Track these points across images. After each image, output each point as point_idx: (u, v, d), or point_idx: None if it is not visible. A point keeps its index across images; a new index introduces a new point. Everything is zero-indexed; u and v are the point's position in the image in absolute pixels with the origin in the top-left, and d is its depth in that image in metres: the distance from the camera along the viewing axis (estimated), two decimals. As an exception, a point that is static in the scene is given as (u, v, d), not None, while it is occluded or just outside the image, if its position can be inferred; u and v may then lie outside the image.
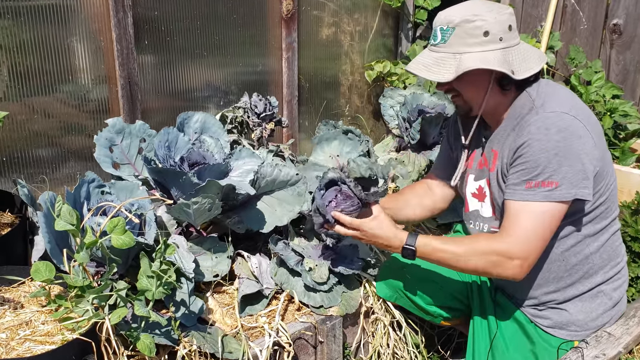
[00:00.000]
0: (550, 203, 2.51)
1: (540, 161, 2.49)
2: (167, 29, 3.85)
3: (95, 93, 3.64)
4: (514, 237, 2.54)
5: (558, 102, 2.58)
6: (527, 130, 2.54)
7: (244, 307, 3.06)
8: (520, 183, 2.54)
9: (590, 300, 2.79)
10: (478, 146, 2.92)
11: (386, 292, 3.29)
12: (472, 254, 2.62)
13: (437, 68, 2.63)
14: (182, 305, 2.78)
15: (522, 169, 2.54)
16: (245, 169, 3.18)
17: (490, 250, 2.58)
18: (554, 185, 2.48)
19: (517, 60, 2.61)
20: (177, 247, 2.88)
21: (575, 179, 2.48)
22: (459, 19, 2.58)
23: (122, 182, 3.04)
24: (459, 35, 2.59)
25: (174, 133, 3.15)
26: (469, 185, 2.96)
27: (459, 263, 2.66)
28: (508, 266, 2.56)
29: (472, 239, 2.79)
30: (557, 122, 2.49)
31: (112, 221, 2.39)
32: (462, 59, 2.58)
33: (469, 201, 2.99)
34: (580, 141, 2.48)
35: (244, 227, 3.23)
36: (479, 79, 2.66)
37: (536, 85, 2.68)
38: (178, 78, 4.01)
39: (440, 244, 2.69)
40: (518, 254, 2.54)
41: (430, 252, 2.69)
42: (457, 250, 2.65)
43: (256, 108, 3.93)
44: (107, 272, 2.50)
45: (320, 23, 4.70)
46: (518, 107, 2.68)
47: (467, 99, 2.73)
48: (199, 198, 2.88)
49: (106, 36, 3.58)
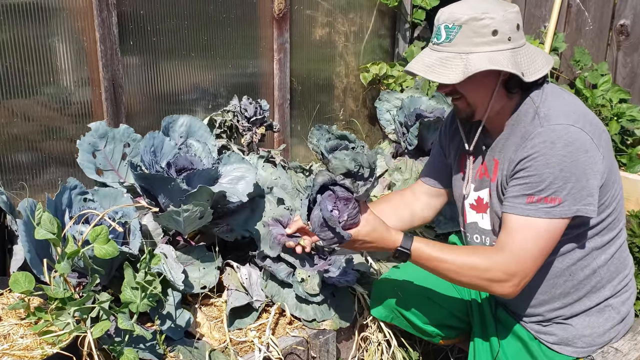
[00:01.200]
0: (551, 220, 2.49)
1: (544, 176, 2.46)
2: (154, 29, 3.85)
3: (77, 96, 3.64)
4: (512, 253, 2.52)
5: (564, 112, 2.55)
6: (532, 143, 2.50)
7: (232, 321, 3.06)
8: (521, 197, 2.52)
9: (597, 315, 2.77)
10: (478, 154, 2.89)
11: (381, 312, 3.25)
12: (470, 268, 2.58)
13: (442, 69, 2.58)
14: (168, 318, 2.78)
15: (524, 183, 2.52)
16: (235, 175, 3.18)
17: (489, 266, 2.54)
18: (556, 202, 2.46)
19: (525, 61, 2.58)
20: (165, 257, 2.88)
21: (579, 196, 2.46)
22: (466, 17, 2.52)
23: (105, 188, 3.04)
24: (465, 33, 2.54)
25: (160, 137, 3.15)
26: (469, 195, 2.93)
27: (455, 275, 2.62)
28: (505, 284, 2.54)
29: (471, 251, 2.73)
30: (563, 135, 2.45)
31: (94, 230, 2.39)
32: (469, 59, 2.53)
33: (467, 213, 2.96)
34: (586, 156, 2.46)
35: (233, 235, 3.23)
36: (485, 81, 2.62)
37: (541, 91, 2.65)
38: (164, 80, 4.01)
39: (437, 251, 2.63)
40: (517, 272, 2.51)
41: (425, 259, 2.63)
42: (454, 261, 2.60)
43: (246, 112, 3.94)
44: (90, 283, 2.49)
45: (313, 23, 4.71)
46: (521, 114, 2.65)
47: (471, 102, 2.69)
48: (189, 205, 2.88)
49: (89, 36, 3.59)
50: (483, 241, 2.89)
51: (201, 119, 3.52)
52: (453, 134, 3.03)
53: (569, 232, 2.58)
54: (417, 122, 4.20)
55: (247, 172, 3.19)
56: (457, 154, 2.99)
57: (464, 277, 2.59)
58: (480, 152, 2.86)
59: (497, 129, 2.76)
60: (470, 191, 2.91)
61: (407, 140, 4.31)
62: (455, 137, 3.00)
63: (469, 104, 2.69)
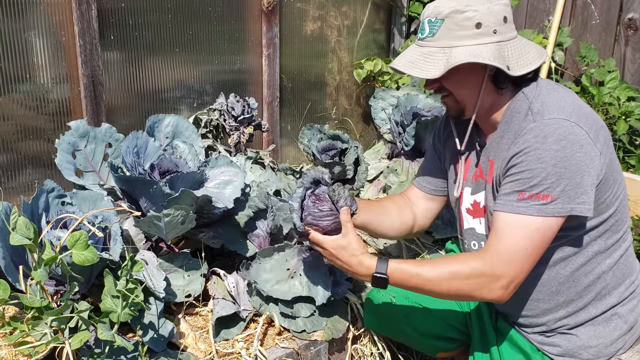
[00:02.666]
0: (543, 218, 2.47)
1: (536, 172, 2.46)
2: (135, 23, 3.86)
3: (55, 93, 3.65)
4: (500, 254, 2.50)
5: (557, 106, 2.56)
6: (524, 139, 2.51)
7: (219, 331, 3.06)
8: (512, 193, 2.52)
9: (604, 324, 2.76)
10: (472, 155, 2.91)
11: (375, 324, 3.26)
12: (453, 277, 2.55)
13: (425, 64, 2.62)
14: (151, 328, 2.79)
15: (516, 179, 2.52)
16: (222, 179, 3.19)
17: (473, 271, 2.53)
18: (549, 198, 2.45)
19: (513, 55, 2.61)
20: (145, 263, 2.88)
21: (573, 194, 2.45)
22: (448, 10, 2.57)
23: (85, 191, 3.04)
24: (448, 27, 2.58)
25: (144, 138, 3.16)
26: (465, 199, 2.95)
27: (440, 288, 2.59)
28: (493, 287, 2.51)
29: (451, 260, 2.69)
30: (556, 130, 2.46)
31: (73, 235, 2.39)
32: (452, 53, 2.57)
33: (464, 218, 2.97)
34: (581, 151, 2.45)
35: (220, 242, 3.24)
36: (472, 76, 2.66)
37: (534, 86, 2.67)
38: (147, 77, 4.02)
39: (414, 267, 2.62)
40: (504, 274, 2.50)
41: (406, 279, 2.61)
42: (436, 274, 2.58)
43: (233, 110, 3.95)
44: (68, 291, 2.49)
45: (304, 17, 4.73)
46: (514, 111, 2.66)
47: (459, 98, 2.72)
48: (171, 210, 2.89)
49: (68, 30, 3.59)
50: (480, 247, 2.90)
51: (186, 118, 3.52)
52: (447, 137, 3.06)
53: (568, 234, 2.59)
54: (414, 121, 4.21)
55: (236, 176, 3.20)
56: (452, 157, 3.01)
57: (446, 289, 2.57)
58: (475, 153, 2.88)
59: (490, 128, 2.79)
60: (465, 194, 2.93)
61: (404, 140, 4.31)
62: (449, 141, 3.02)
63: (457, 100, 2.73)
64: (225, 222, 3.30)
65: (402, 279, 2.61)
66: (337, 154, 4.04)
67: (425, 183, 3.21)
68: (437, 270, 2.58)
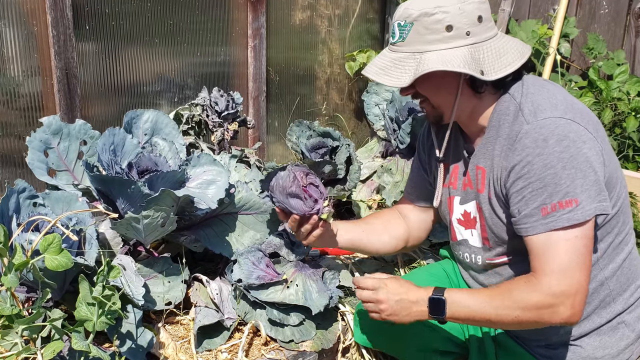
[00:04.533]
0: (577, 226, 2.44)
1: (547, 180, 2.44)
2: (112, 12, 3.86)
3: (26, 87, 3.65)
4: (552, 276, 2.45)
5: (550, 104, 2.56)
6: (521, 145, 2.51)
7: (201, 341, 3.07)
8: (535, 212, 2.48)
9: (610, 334, 2.76)
10: (459, 162, 2.91)
11: (366, 337, 3.25)
12: (515, 307, 2.51)
13: (395, 71, 2.61)
14: (129, 337, 2.79)
15: (529, 193, 2.49)
16: (205, 178, 3.20)
17: (533, 300, 2.48)
18: (573, 203, 2.42)
19: (489, 57, 2.59)
20: (123, 269, 2.89)
21: (592, 192, 2.44)
22: (417, 13, 2.56)
23: (58, 192, 3.05)
24: (417, 31, 2.57)
25: (121, 135, 3.17)
26: (455, 209, 2.95)
27: (497, 319, 2.57)
28: (559, 311, 2.46)
29: (507, 289, 2.61)
30: (554, 130, 2.46)
31: (46, 238, 2.39)
32: (422, 59, 2.56)
33: (455, 229, 2.97)
34: (585, 146, 2.45)
35: (202, 245, 3.25)
36: (445, 82, 2.65)
37: (519, 85, 2.67)
38: (125, 70, 4.02)
39: (470, 298, 2.61)
40: (564, 293, 2.44)
41: (462, 309, 2.60)
42: (490, 307, 2.55)
43: (217, 105, 3.96)
44: (40, 298, 2.49)
45: (293, 5, 4.74)
46: (501, 113, 2.66)
47: (436, 104, 2.72)
48: (150, 211, 2.89)
49: (40, 19, 3.59)
50: (474, 260, 2.91)
51: (166, 113, 3.53)
52: (430, 146, 3.06)
53: None
54: (410, 117, 4.22)
55: (219, 176, 3.21)
56: (438, 166, 3.00)
57: (516, 319, 2.53)
58: (463, 161, 2.88)
59: (476, 133, 2.79)
60: (454, 204, 2.94)
61: (399, 138, 4.31)
62: (433, 149, 3.01)
63: (434, 106, 2.73)
64: (208, 224, 3.31)
65: (459, 308, 2.60)
66: (327, 152, 4.04)
67: (413, 195, 3.23)
68: (499, 301, 2.55)
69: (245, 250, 3.25)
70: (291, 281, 3.19)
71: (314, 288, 3.18)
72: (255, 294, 3.13)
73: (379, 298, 2.69)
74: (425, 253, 3.96)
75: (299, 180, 2.87)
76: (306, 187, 2.87)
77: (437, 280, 3.14)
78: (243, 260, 3.18)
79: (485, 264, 2.86)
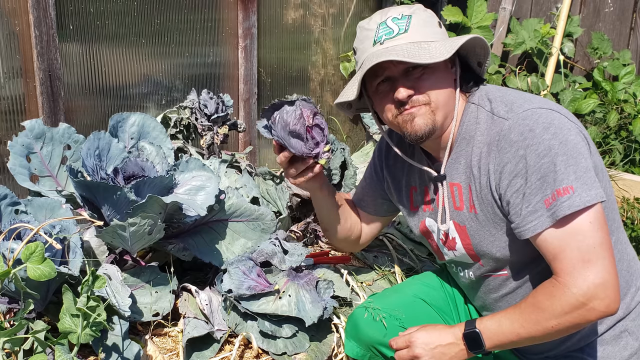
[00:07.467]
0: (583, 212, 2.41)
1: (544, 168, 2.43)
2: (97, 11, 3.87)
3: (8, 89, 3.65)
4: (575, 274, 2.41)
5: (523, 99, 2.59)
6: (508, 142, 2.51)
7: (190, 354, 3.06)
8: (539, 207, 2.46)
9: (613, 343, 2.74)
10: (424, 183, 2.92)
11: (357, 351, 3.21)
12: (549, 317, 2.47)
13: (419, 51, 2.57)
14: (114, 350, 2.79)
15: (528, 188, 2.48)
16: (194, 184, 3.20)
17: (564, 304, 2.44)
18: (570, 190, 2.39)
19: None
20: (108, 278, 2.89)
21: (587, 177, 2.42)
22: (409, 11, 2.63)
23: (41, 198, 3.04)
24: (418, 23, 2.61)
25: (106, 139, 3.17)
26: (435, 232, 2.95)
27: (543, 331, 2.51)
28: (594, 306, 2.41)
29: (536, 300, 2.57)
30: (537, 119, 2.47)
31: (28, 247, 2.39)
32: (431, 47, 2.58)
33: (441, 250, 2.97)
34: (570, 133, 2.45)
35: (191, 254, 3.25)
36: (446, 82, 2.68)
37: (483, 94, 2.71)
38: (110, 71, 4.03)
39: (503, 319, 2.59)
40: (593, 286, 2.40)
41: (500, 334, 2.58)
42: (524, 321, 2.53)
43: (206, 108, 3.96)
44: (22, 309, 2.49)
45: (285, 4, 4.75)
46: (470, 124, 2.68)
47: (436, 104, 2.66)
48: (137, 218, 2.89)
49: (22, 19, 3.60)
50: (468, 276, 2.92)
51: (153, 116, 3.53)
52: (392, 157, 3.09)
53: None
54: (407, 120, 4.20)
55: (208, 182, 3.21)
56: (406, 187, 3.03)
57: (554, 328, 2.50)
58: (431, 180, 2.88)
59: (441, 148, 2.79)
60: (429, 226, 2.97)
61: (395, 141, 4.32)
62: (396, 167, 3.06)
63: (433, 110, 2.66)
64: (197, 232, 3.31)
65: (496, 334, 2.59)
66: (321, 157, 4.05)
67: (365, 204, 3.30)
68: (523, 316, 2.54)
69: (235, 259, 3.25)
70: (283, 291, 3.19)
71: (308, 298, 3.18)
72: (246, 305, 3.13)
73: (416, 354, 2.69)
74: (423, 261, 3.96)
75: (304, 119, 2.81)
76: (311, 127, 2.83)
77: (431, 290, 3.16)
78: (233, 269, 3.18)
79: (479, 278, 2.88)
